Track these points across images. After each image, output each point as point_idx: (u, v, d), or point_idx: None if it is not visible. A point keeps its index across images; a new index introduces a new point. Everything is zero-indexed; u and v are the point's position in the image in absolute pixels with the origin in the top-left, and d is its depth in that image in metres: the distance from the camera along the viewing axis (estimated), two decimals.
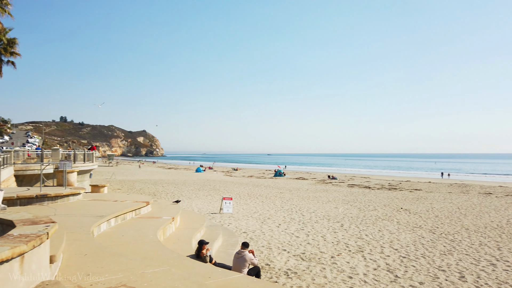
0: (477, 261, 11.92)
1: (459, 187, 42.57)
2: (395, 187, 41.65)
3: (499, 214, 22.50)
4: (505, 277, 10.35)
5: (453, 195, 33.99)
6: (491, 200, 29.98)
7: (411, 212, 22.85)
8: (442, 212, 23.05)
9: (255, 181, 49.98)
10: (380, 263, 11.54)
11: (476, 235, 16.12)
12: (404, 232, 16.51)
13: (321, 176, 63.34)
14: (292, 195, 31.56)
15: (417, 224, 18.60)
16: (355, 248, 13.42)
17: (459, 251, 13.30)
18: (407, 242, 14.63)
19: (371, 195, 32.53)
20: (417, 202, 27.83)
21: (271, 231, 16.07)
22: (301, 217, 20.20)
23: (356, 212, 22.27)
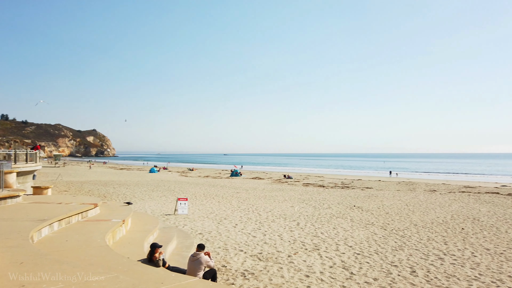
0: (426, 256, 12.39)
1: (406, 185, 44.65)
2: (347, 186, 42.87)
3: (444, 210, 23.76)
4: (453, 270, 10.80)
5: (401, 192, 35.54)
6: (436, 197, 31.66)
7: (363, 209, 23.52)
8: (392, 209, 23.95)
9: (211, 181, 49.37)
10: (335, 260, 11.64)
11: (424, 231, 16.84)
12: (358, 229, 16.88)
13: (277, 175, 63.93)
14: (249, 195, 31.43)
15: (369, 221, 19.13)
16: (311, 246, 13.48)
17: (409, 246, 13.77)
18: (360, 239, 14.94)
19: (325, 194, 33.20)
20: (369, 200, 28.75)
21: (228, 232, 15.77)
22: (257, 216, 20.08)
23: (311, 211, 22.54)
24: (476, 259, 12.03)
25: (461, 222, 19.14)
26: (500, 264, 11.45)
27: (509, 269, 10.94)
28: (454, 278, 10.03)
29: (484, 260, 11.97)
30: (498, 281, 9.81)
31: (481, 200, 29.60)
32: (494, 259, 12.12)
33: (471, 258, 12.14)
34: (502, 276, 10.23)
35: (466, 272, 10.58)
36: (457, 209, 24.26)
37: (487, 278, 10.09)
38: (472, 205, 26.15)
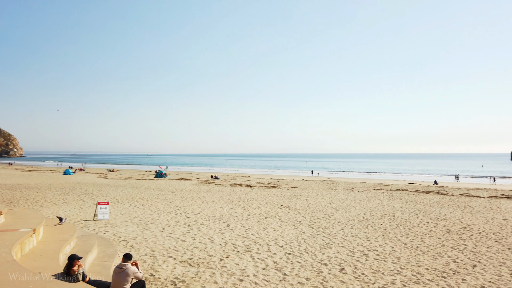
0: (352, 253, 12.89)
1: (327, 184, 46.92)
2: (274, 185, 43.73)
3: (363, 207, 25.28)
4: (377, 265, 11.35)
5: (323, 191, 37.20)
6: (355, 194, 33.67)
7: (291, 208, 24.03)
8: (317, 207, 24.84)
9: (134, 183, 46.91)
10: (268, 262, 11.55)
11: (348, 228, 17.64)
12: (287, 229, 17.11)
13: (204, 176, 63.06)
14: (176, 197, 30.37)
15: (297, 220, 19.55)
16: (243, 248, 13.26)
17: (336, 243, 14.25)
18: (290, 238, 15.12)
19: (253, 194, 33.40)
20: (295, 199, 29.53)
21: (155, 237, 14.89)
22: (186, 219, 19.37)
23: (240, 211, 22.41)
24: (396, 254, 12.82)
25: (379, 218, 20.46)
26: (417, 258, 12.33)
27: (426, 262, 11.82)
28: (379, 274, 10.51)
29: (403, 254, 12.81)
30: (417, 274, 10.50)
31: (393, 197, 32.14)
32: (411, 252, 13.04)
33: (392, 253, 12.91)
34: (420, 269, 10.99)
35: (389, 267, 11.18)
36: (374, 206, 25.97)
37: (408, 271, 10.75)
38: (386, 202, 28.23)
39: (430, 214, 22.36)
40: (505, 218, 21.16)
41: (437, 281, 9.88)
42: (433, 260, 12.01)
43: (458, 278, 10.21)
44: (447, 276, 10.38)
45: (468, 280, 10.04)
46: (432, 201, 29.02)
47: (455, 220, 20.30)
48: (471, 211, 23.95)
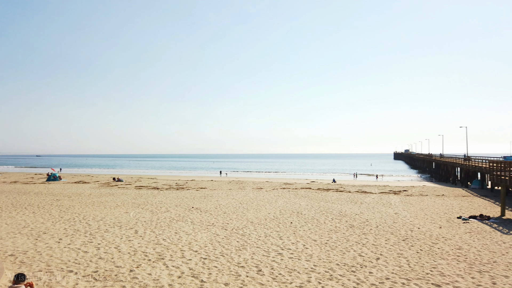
0: (267, 253, 12.98)
1: (236, 184, 47.35)
2: (182, 187, 42.59)
3: (272, 206, 25.94)
4: (292, 264, 11.56)
5: (233, 191, 37.37)
6: (263, 194, 34.47)
7: (202, 210, 23.52)
8: (229, 208, 24.74)
9: (21, 187, 41.45)
10: (183, 269, 10.96)
11: (260, 228, 17.82)
12: (200, 232, 16.61)
13: (105, 178, 58.67)
14: (73, 202, 27.53)
15: (210, 222, 19.16)
16: (154, 256, 12.41)
17: (250, 244, 14.23)
18: (204, 241, 14.67)
19: (161, 196, 32.00)
20: (205, 200, 29.06)
21: (50, 249, 13.14)
22: (87, 227, 17.56)
23: (149, 216, 21.18)
24: (308, 251, 13.27)
25: (289, 217, 21.15)
26: (327, 254, 12.91)
27: (335, 257, 12.43)
28: (295, 272, 10.71)
29: (314, 251, 13.31)
30: (330, 270, 10.95)
31: (299, 195, 33.68)
32: (322, 249, 13.63)
33: (304, 251, 13.34)
34: (332, 265, 11.50)
35: (304, 265, 11.49)
36: (283, 204, 26.85)
37: (321, 268, 11.16)
38: (293, 200, 29.42)
39: (333, 210, 23.87)
40: (396, 212, 23.60)
41: (348, 276, 10.41)
42: (341, 255, 12.70)
43: (366, 271, 10.91)
44: (355, 270, 11.02)
45: (374, 272, 10.79)
46: (333, 198, 31.10)
47: (355, 215, 21.96)
48: (367, 206, 26.22)
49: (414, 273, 10.75)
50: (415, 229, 17.80)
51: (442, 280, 10.14)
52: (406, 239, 15.44)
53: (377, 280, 10.11)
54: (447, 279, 10.29)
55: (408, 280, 10.11)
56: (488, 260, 12.33)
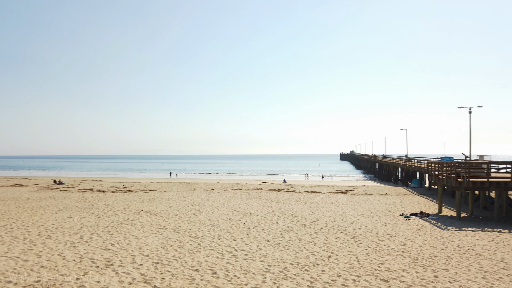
0: (221, 255, 12.85)
1: (187, 185, 46.57)
2: (130, 189, 41.10)
3: (225, 207, 25.80)
4: (247, 266, 11.55)
5: (184, 193, 36.70)
6: (215, 195, 34.20)
7: (152, 213, 22.82)
8: (180, 210, 24.23)
9: None
10: (134, 275, 10.53)
11: (213, 229, 17.63)
12: (151, 236, 16.08)
13: (45, 181, 55.03)
14: (9, 207, 25.47)
15: (161, 225, 18.63)
16: (103, 262, 11.80)
17: (204, 247, 14.02)
18: (156, 245, 14.22)
19: (107, 199, 30.61)
20: (155, 203, 28.24)
21: None
22: (26, 233, 16.32)
23: (95, 220, 20.14)
24: (262, 252, 13.34)
25: (242, 218, 21.15)
26: (281, 254, 13.06)
27: (289, 257, 12.60)
28: (250, 274, 10.70)
29: (268, 251, 13.41)
30: (284, 270, 11.08)
31: (251, 196, 33.84)
32: (275, 249, 13.76)
33: (258, 251, 13.38)
34: (286, 265, 11.64)
35: (258, 266, 11.52)
36: (235, 205, 26.81)
37: (275, 268, 11.26)
38: (245, 201, 29.50)
39: (284, 210, 24.24)
40: (344, 210, 24.49)
41: (302, 275, 10.60)
42: (295, 255, 12.91)
43: (318, 269, 11.18)
44: (309, 269, 11.25)
45: (326, 270, 11.08)
46: (284, 198, 31.61)
47: (306, 215, 22.46)
48: (317, 206, 26.96)
49: (363, 270, 11.19)
50: (362, 227, 18.57)
51: (389, 276, 10.65)
52: (355, 237, 16.06)
53: (329, 278, 10.39)
54: (394, 274, 10.82)
55: (358, 277, 10.50)
56: (430, 255, 13.16)
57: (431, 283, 9.99)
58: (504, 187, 21.69)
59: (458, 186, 22.30)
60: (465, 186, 22.09)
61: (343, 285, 9.78)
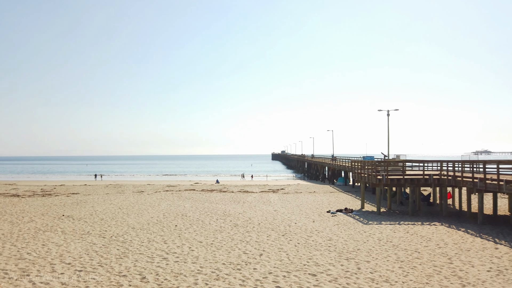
0: (151, 259, 12.43)
1: (114, 188, 44.34)
2: (49, 193, 38.03)
3: (155, 209, 25.01)
4: (178, 268, 11.30)
5: (111, 196, 34.90)
6: (145, 197, 33.01)
7: (75, 218, 21.35)
8: (106, 214, 22.99)
9: None
10: (54, 284, 9.75)
11: (143, 233, 16.99)
12: (73, 242, 15.01)
13: None
14: None
15: (85, 231, 17.50)
16: (17, 273, 10.75)
17: (133, 251, 13.45)
18: (79, 252, 13.31)
19: (22, 204, 27.98)
20: (78, 207, 26.47)
21: None
22: None
23: (8, 227, 18.28)
24: (194, 253, 13.15)
25: (173, 220, 20.67)
26: (213, 254, 13.00)
27: (221, 257, 12.59)
28: (182, 276, 10.50)
29: (200, 252, 13.26)
30: (216, 270, 11.04)
31: (183, 197, 33.22)
32: (208, 250, 13.66)
33: (190, 253, 13.18)
34: (218, 265, 11.61)
35: (190, 267, 11.34)
36: (166, 207, 26.11)
37: (208, 269, 11.17)
38: (177, 203, 28.88)
39: (217, 211, 24.18)
40: (275, 209, 25.11)
41: (234, 274, 10.64)
42: (227, 255, 12.93)
43: (250, 268, 11.32)
44: (241, 268, 11.34)
45: (258, 268, 11.26)
46: (217, 199, 31.52)
47: (238, 214, 22.63)
48: (249, 205, 27.30)
49: (293, 266, 11.56)
50: (292, 224, 19.20)
51: (317, 270, 11.14)
52: (285, 234, 16.54)
53: (261, 275, 10.57)
54: (321, 268, 11.34)
55: (288, 273, 10.82)
56: (353, 248, 14.02)
57: (355, 275, 10.64)
58: (417, 184, 23.88)
59: (378, 183, 24.07)
60: (384, 183, 23.92)
61: (274, 281, 10.02)
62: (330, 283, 9.88)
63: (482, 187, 19.35)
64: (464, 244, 14.71)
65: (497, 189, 18.22)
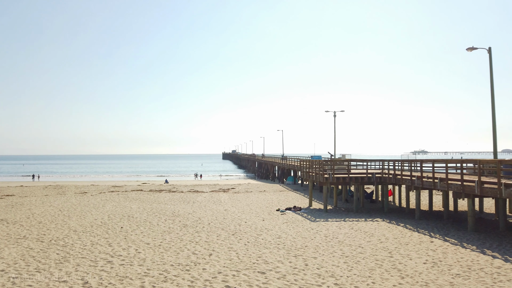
0: (95, 262, 11.85)
1: (54, 189, 41.83)
2: None
3: (99, 211, 23.91)
4: (124, 271, 10.88)
5: (50, 197, 32.88)
6: (88, 198, 31.46)
7: (10, 221, 19.83)
8: (45, 217, 21.60)
9: None
10: None
11: (85, 236, 16.17)
12: (7, 247, 13.92)
13: None
14: None
15: (21, 235, 16.31)
16: None
17: (74, 256, 12.74)
18: (13, 258, 12.37)
19: None
20: (13, 210, 24.62)
21: None
22: None
23: None
24: (141, 255, 12.74)
25: (119, 221, 19.88)
26: (161, 256, 12.67)
27: (170, 258, 12.31)
28: (128, 279, 10.12)
29: (148, 254, 12.87)
30: (164, 272, 10.77)
31: (129, 198, 32.09)
32: (155, 251, 13.29)
33: (137, 255, 12.75)
34: (166, 267, 11.33)
35: (136, 270, 10.96)
36: (111, 208, 25.07)
37: (155, 271, 10.87)
38: (123, 204, 27.84)
39: (166, 211, 23.63)
40: (225, 208, 25.05)
41: (182, 276, 10.45)
42: (176, 256, 12.67)
43: (199, 268, 11.18)
44: (190, 268, 11.17)
45: (207, 268, 11.16)
46: (166, 199, 30.82)
47: (188, 214, 22.28)
48: (199, 205, 26.99)
49: (243, 264, 11.60)
50: (242, 223, 19.26)
51: (266, 267, 11.26)
52: (235, 233, 16.56)
53: (210, 275, 10.48)
54: (270, 265, 11.48)
55: (238, 272, 10.83)
56: (301, 245, 14.35)
57: (302, 271, 10.90)
58: (361, 182, 24.99)
59: (325, 181, 24.87)
60: (331, 181, 24.76)
61: (223, 281, 9.98)
62: (279, 280, 10.03)
63: (419, 184, 20.69)
64: (403, 238, 15.62)
65: (433, 186, 19.58)
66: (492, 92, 21.85)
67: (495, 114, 21.72)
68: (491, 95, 21.88)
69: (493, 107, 21.79)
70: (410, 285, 9.65)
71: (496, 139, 21.61)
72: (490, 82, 21.87)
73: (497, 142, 21.73)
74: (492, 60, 21.99)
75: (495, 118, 21.72)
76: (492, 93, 21.86)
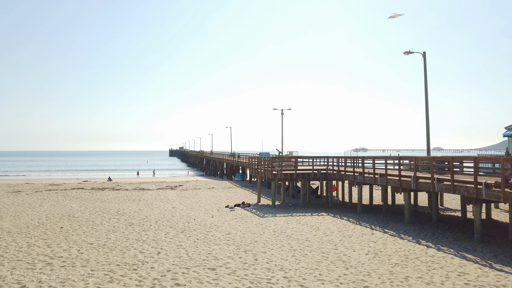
0: (32, 265, 11.11)
1: None
2: None
3: (36, 211, 22.40)
4: (65, 273, 10.32)
5: None
6: (23, 198, 29.35)
7: None
8: None
9: None
10: None
11: (21, 237, 15.07)
12: None
13: None
14: None
15: None
16: None
17: (8, 258, 11.83)
18: None
19: None
20: None
21: None
22: None
23: None
24: (84, 256, 12.14)
25: (58, 221, 18.78)
26: (106, 256, 12.17)
27: (115, 258, 11.86)
28: (70, 281, 9.61)
29: (91, 255, 12.30)
30: (110, 272, 10.37)
31: (69, 196, 30.40)
32: (99, 251, 12.74)
33: (79, 256, 12.13)
34: (112, 267, 10.91)
35: (80, 272, 10.44)
36: (49, 208, 23.60)
37: (100, 272, 10.42)
38: (63, 203, 26.32)
39: (110, 210, 22.70)
40: (173, 206, 24.59)
41: (129, 275, 10.14)
42: (122, 255, 12.24)
43: (148, 267, 10.91)
44: (137, 268, 10.85)
45: (156, 267, 10.92)
46: (109, 197, 29.59)
47: (134, 213, 21.59)
48: (146, 203, 26.24)
49: (192, 262, 11.50)
50: (191, 220, 19.05)
51: (216, 264, 11.26)
52: (184, 231, 16.34)
53: (159, 274, 10.27)
54: (220, 262, 11.49)
55: (187, 269, 10.72)
56: (251, 240, 14.52)
57: (252, 266, 11.05)
58: (307, 178, 25.76)
59: (273, 178, 25.32)
60: (278, 178, 25.25)
61: (173, 279, 9.83)
62: (229, 276, 10.08)
63: (361, 180, 21.78)
64: (346, 231, 16.38)
65: (373, 182, 20.71)
66: (426, 93, 23.50)
67: (428, 114, 23.40)
68: (425, 96, 23.52)
69: (427, 107, 23.47)
70: (354, 275, 10.16)
71: (430, 137, 23.32)
72: (424, 83, 23.51)
73: (430, 140, 23.45)
74: (426, 63, 23.65)
75: (428, 118, 23.40)
76: (426, 94, 23.52)
